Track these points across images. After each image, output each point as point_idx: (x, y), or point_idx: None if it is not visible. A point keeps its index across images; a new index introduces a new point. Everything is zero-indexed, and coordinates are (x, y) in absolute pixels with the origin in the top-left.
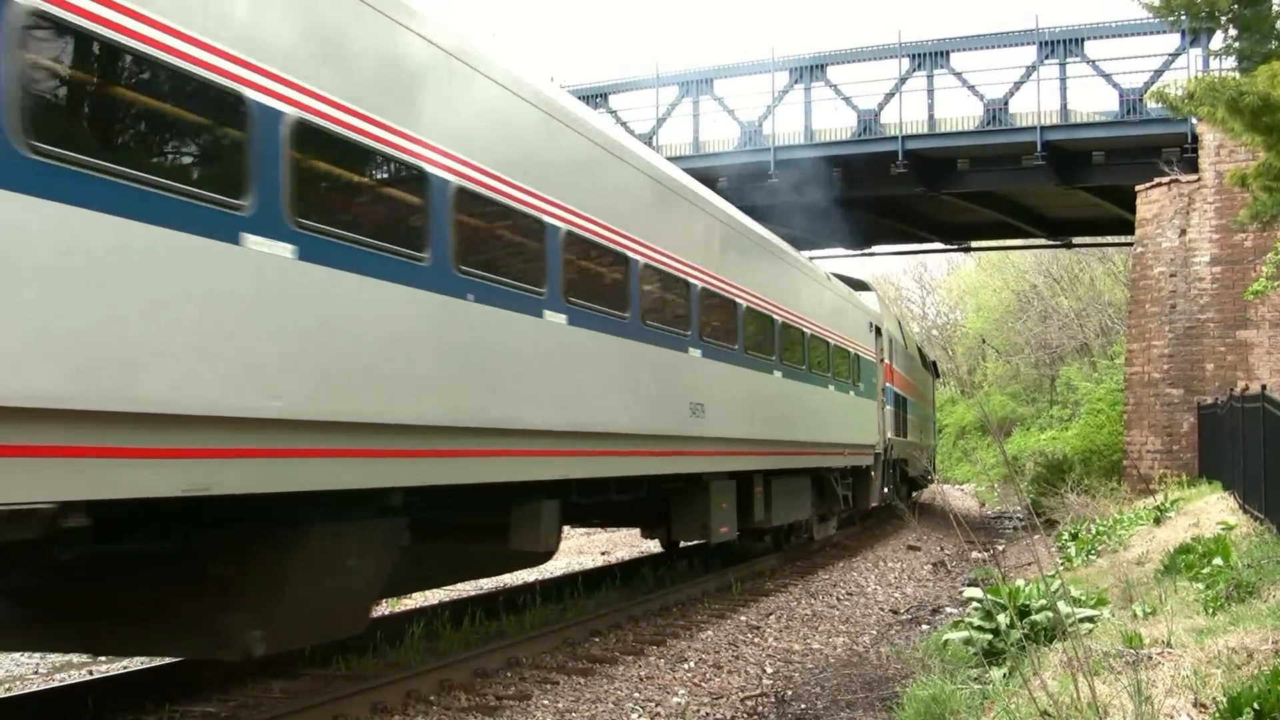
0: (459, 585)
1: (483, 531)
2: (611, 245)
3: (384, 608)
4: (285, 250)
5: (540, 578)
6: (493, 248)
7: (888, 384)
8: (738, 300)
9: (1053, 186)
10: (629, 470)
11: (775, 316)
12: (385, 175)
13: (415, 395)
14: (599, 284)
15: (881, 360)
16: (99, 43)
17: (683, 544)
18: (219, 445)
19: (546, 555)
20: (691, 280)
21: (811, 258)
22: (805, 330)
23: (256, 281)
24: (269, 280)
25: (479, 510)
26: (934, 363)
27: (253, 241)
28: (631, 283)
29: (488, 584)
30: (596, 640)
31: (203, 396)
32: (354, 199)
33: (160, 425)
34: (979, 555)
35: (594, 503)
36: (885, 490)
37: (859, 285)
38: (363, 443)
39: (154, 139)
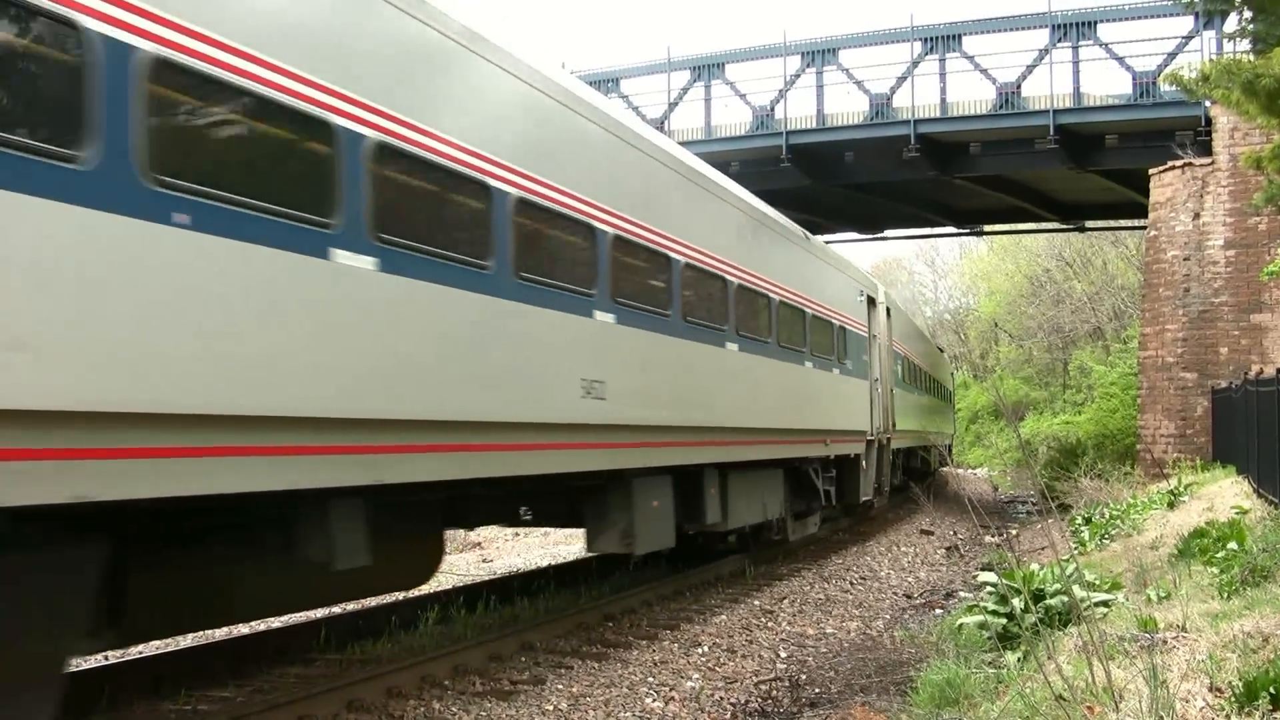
0: (472, 571)
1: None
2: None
3: (398, 594)
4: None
5: (554, 563)
6: None
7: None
8: (928, 373)
9: (1065, 170)
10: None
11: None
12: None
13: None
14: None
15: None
16: None
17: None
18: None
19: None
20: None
21: (828, 242)
22: (946, 387)
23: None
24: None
25: None
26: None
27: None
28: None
29: (501, 569)
30: (610, 625)
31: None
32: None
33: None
34: (992, 540)
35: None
36: (950, 451)
37: (940, 350)
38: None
39: None
